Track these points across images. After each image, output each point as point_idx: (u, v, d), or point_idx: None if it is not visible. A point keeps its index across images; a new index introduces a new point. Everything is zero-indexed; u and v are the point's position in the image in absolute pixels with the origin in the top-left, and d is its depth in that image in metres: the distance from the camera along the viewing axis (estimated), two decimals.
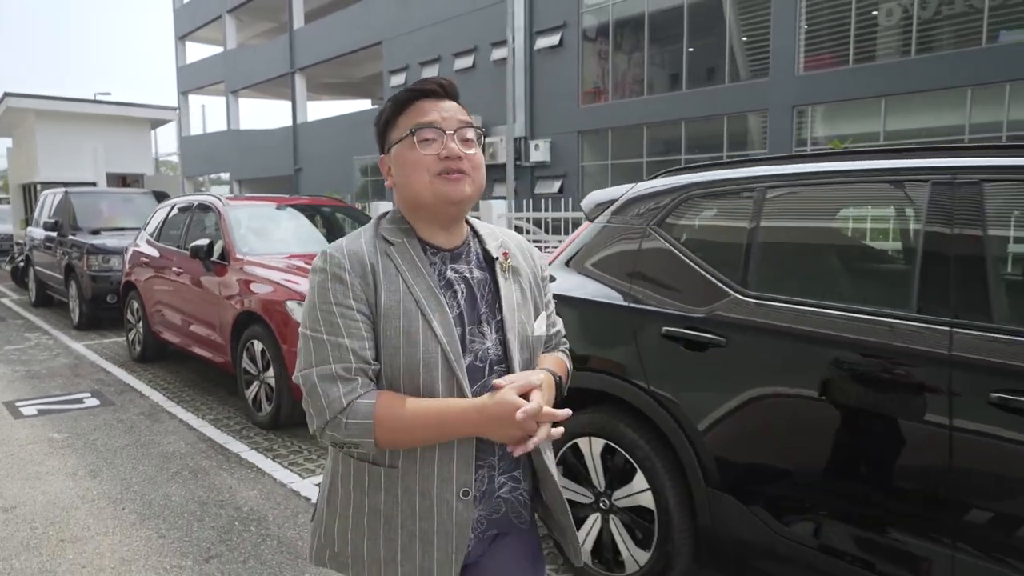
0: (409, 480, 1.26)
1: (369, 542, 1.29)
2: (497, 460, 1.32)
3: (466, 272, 1.33)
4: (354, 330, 1.22)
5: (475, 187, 1.30)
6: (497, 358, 1.32)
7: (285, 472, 3.98)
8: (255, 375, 4.85)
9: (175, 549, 3.06)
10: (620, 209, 2.83)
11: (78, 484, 3.77)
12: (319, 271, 1.26)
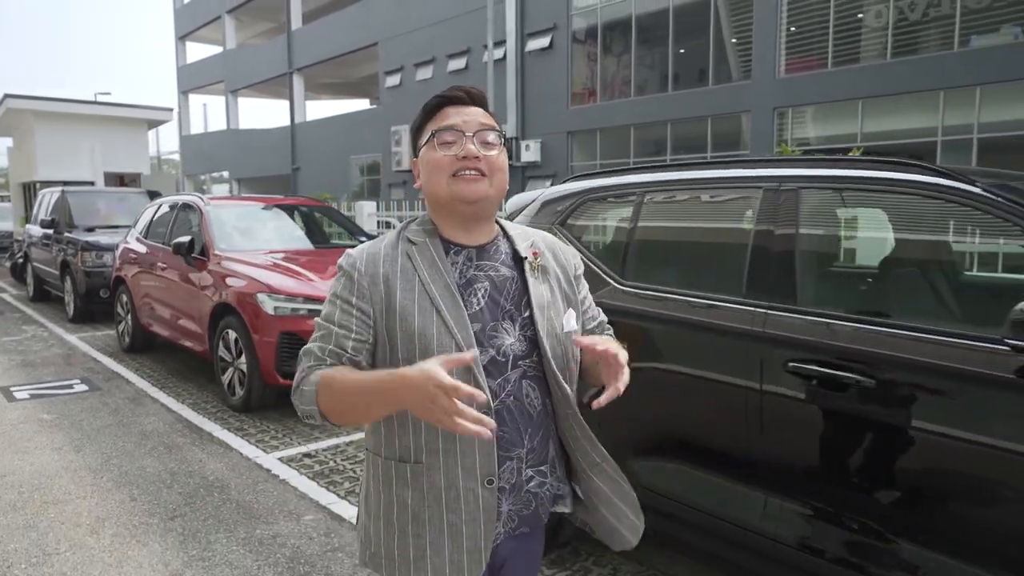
0: (434, 474, 1.30)
1: (399, 541, 1.33)
2: (525, 452, 1.35)
3: (491, 270, 1.37)
4: (344, 322, 1.30)
5: (494, 188, 1.34)
6: (521, 353, 1.35)
7: (252, 448, 4.38)
8: (230, 362, 5.25)
9: (144, 510, 3.46)
10: (534, 211, 3.23)
11: (63, 457, 4.18)
12: (339, 267, 1.37)
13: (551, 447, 1.40)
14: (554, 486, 1.41)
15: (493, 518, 1.30)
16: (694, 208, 2.75)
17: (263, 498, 3.62)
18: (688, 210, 2.78)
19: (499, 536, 1.34)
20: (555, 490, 1.41)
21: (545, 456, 1.38)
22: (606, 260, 2.80)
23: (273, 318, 4.85)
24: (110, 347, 7.47)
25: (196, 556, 3.00)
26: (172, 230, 6.66)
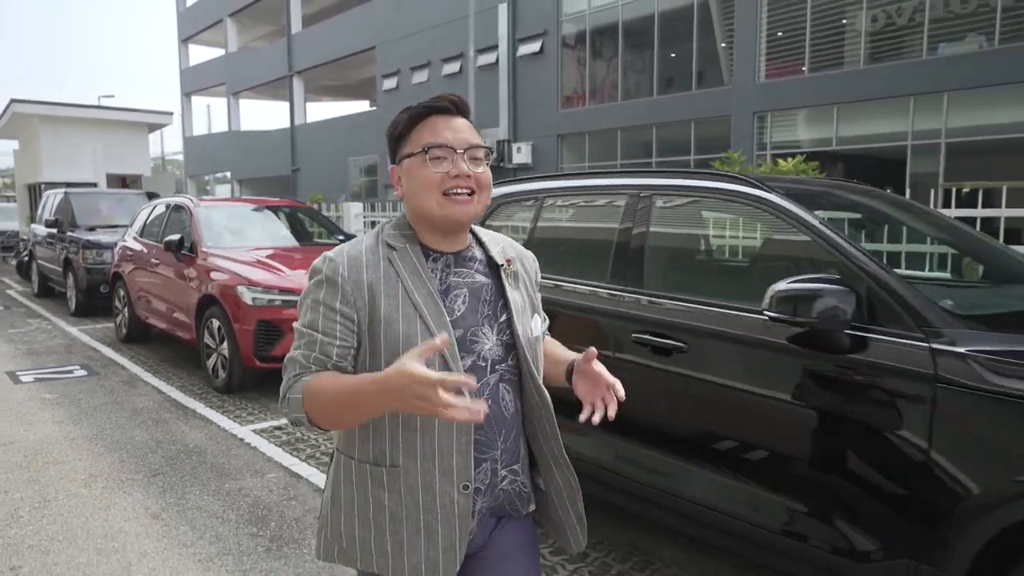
0: (411, 477, 1.32)
1: (376, 536, 1.36)
2: (499, 454, 1.39)
3: (468, 277, 1.40)
4: (328, 329, 1.31)
5: (481, 205, 1.39)
6: (498, 357, 1.39)
7: (229, 422, 4.94)
8: (213, 348, 5.82)
9: (131, 469, 4.02)
10: None
11: (62, 429, 4.75)
12: (317, 272, 1.35)
13: (521, 446, 1.44)
14: (524, 483, 1.46)
15: (468, 520, 1.35)
16: (579, 210, 3.31)
17: (234, 460, 4.18)
18: (575, 212, 3.33)
19: (472, 532, 1.38)
20: (525, 489, 1.46)
21: (517, 456, 1.43)
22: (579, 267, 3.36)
23: (251, 308, 5.42)
24: (108, 338, 8.04)
25: (172, 503, 3.56)
26: (165, 229, 7.22)
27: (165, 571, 2.89)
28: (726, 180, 2.70)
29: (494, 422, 1.37)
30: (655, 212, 2.83)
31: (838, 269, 2.24)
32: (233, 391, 5.67)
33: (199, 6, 39.03)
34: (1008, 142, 13.87)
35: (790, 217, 2.42)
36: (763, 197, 2.51)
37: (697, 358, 2.49)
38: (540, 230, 3.29)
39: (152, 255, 7.16)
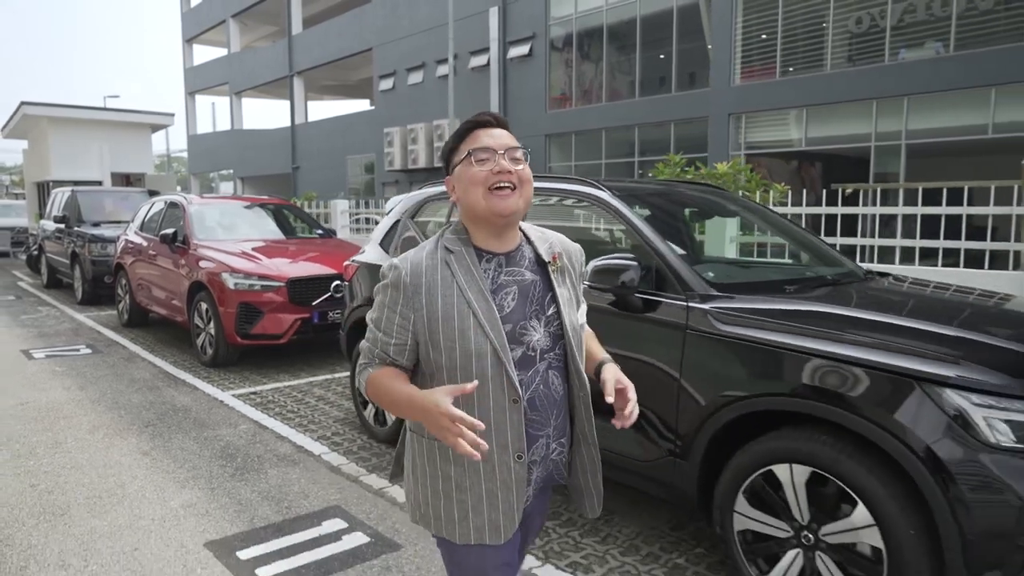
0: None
1: (445, 504, 1.56)
2: (552, 431, 1.59)
3: (518, 275, 1.56)
4: (388, 328, 1.54)
5: (523, 200, 1.54)
6: (547, 347, 1.55)
7: (213, 388, 5.76)
8: (202, 328, 6.63)
9: (127, 422, 4.84)
10: (403, 208, 4.59)
11: (70, 393, 5.57)
12: (384, 277, 1.56)
13: (567, 424, 1.64)
14: (565, 454, 1.66)
15: (524, 485, 1.54)
16: None
17: (213, 416, 5.00)
18: None
19: (529, 498, 1.60)
20: (566, 458, 1.67)
21: (564, 431, 1.63)
22: None
23: (234, 292, 6.23)
24: (112, 323, 8.87)
25: (159, 445, 4.38)
26: (162, 224, 8.03)
27: (150, 487, 3.70)
28: (575, 183, 3.50)
29: (547, 403, 1.57)
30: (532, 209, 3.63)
31: (640, 251, 3.03)
32: (219, 365, 6.48)
33: (202, 7, 39.86)
34: (963, 144, 14.60)
35: (613, 211, 3.22)
36: (598, 196, 3.31)
37: None
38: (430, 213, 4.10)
39: (151, 248, 7.98)
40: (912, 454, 2.14)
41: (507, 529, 1.54)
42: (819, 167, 19.25)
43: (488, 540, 1.54)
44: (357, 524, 3.29)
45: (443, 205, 4.30)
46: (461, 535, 1.54)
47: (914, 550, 2.16)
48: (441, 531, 1.57)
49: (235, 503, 3.53)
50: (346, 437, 4.57)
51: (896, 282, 3.44)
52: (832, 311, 2.71)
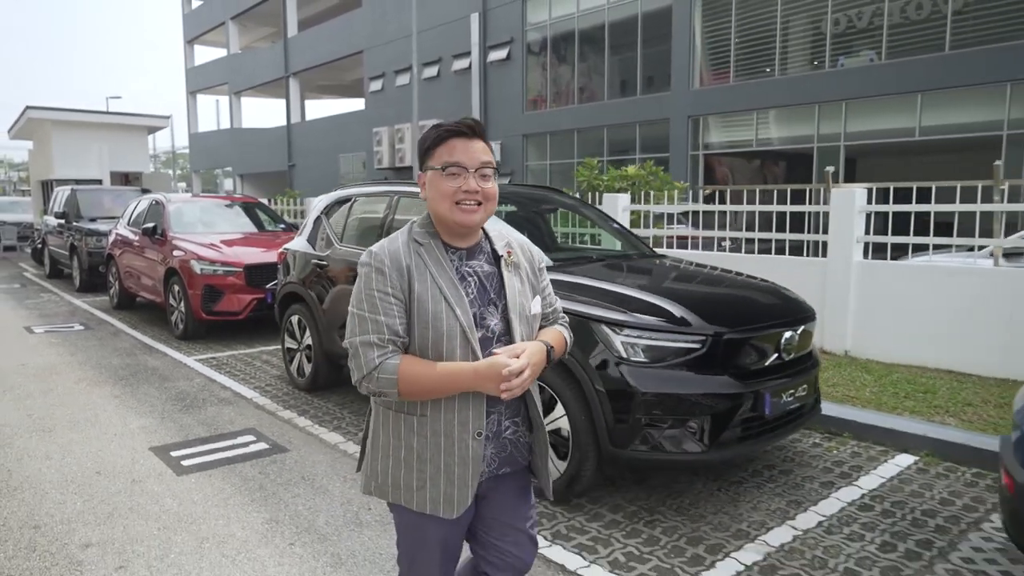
0: (435, 425, 1.65)
1: (405, 473, 1.69)
2: (504, 408, 1.73)
3: (477, 267, 1.73)
4: (387, 310, 1.62)
5: (486, 213, 1.70)
6: (501, 331, 1.71)
7: (180, 355, 6.98)
8: (175, 307, 7.86)
9: (105, 376, 6.07)
10: (320, 207, 5.80)
11: (62, 358, 6.80)
12: (365, 265, 1.66)
13: (521, 405, 1.78)
14: (524, 434, 1.79)
15: (479, 462, 1.67)
16: (367, 206, 5.31)
17: (175, 374, 6.23)
18: (365, 208, 5.33)
19: (484, 475, 1.72)
20: (525, 438, 1.80)
21: (517, 411, 1.77)
22: (338, 233, 5.38)
23: (199, 276, 7.44)
24: (104, 306, 10.12)
25: (128, 391, 5.60)
26: (146, 219, 9.26)
27: (116, 417, 4.92)
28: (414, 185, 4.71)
29: None
30: (400, 206, 4.84)
31: None
32: (188, 338, 7.71)
33: (203, 9, 41.11)
34: (894, 145, 15.72)
35: None
36: None
37: None
38: (350, 219, 5.31)
39: (136, 240, 9.20)
40: (581, 368, 3.34)
41: (460, 504, 1.68)
42: (783, 166, 20.37)
43: (442, 512, 1.67)
44: (263, 438, 4.51)
45: (343, 205, 5.51)
46: (418, 503, 1.68)
47: (585, 432, 3.36)
48: (399, 499, 1.71)
49: (177, 426, 4.75)
50: (275, 387, 5.79)
51: (662, 262, 4.63)
52: (581, 281, 3.90)
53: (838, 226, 6.07)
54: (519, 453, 1.79)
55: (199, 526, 3.27)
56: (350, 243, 5.20)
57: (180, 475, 3.89)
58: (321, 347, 5.37)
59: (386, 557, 3.00)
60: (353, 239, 5.23)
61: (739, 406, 3.29)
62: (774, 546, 3.10)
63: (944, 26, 14.36)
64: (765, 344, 3.50)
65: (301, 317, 5.59)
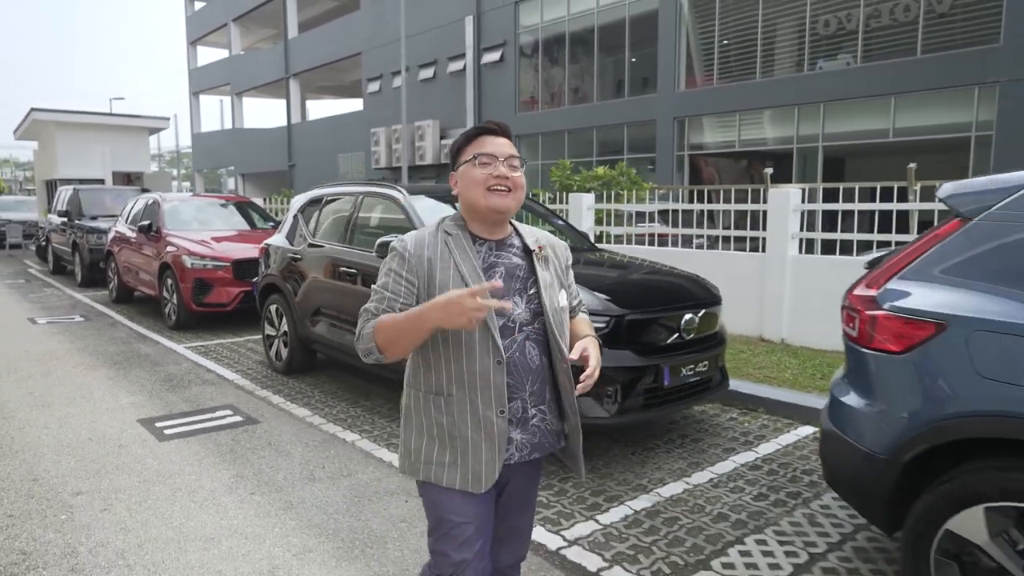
0: (463, 404, 1.77)
1: (439, 449, 1.80)
2: (528, 395, 1.81)
3: (506, 259, 1.83)
4: (395, 290, 1.76)
5: (515, 201, 1.79)
6: (526, 321, 1.81)
7: (171, 343, 7.52)
8: (168, 299, 8.41)
9: (101, 361, 6.60)
10: (295, 205, 6.33)
11: (62, 345, 7.34)
12: (393, 249, 1.81)
13: (547, 392, 1.85)
14: (552, 422, 1.87)
15: (504, 439, 1.77)
16: (336, 205, 5.83)
17: (165, 359, 6.76)
18: (334, 206, 5.85)
19: (512, 456, 1.81)
20: (554, 426, 1.88)
21: (543, 398, 1.84)
22: (311, 229, 5.91)
23: (190, 270, 7.98)
24: (103, 300, 10.67)
25: (121, 373, 6.13)
26: (143, 217, 9.80)
27: (108, 395, 5.46)
28: (381, 186, 5.24)
29: (522, 369, 1.79)
30: (363, 205, 5.37)
31: None
32: (180, 328, 8.25)
33: (206, 10, 41.69)
34: (869, 146, 16.18)
35: (399, 204, 4.94)
36: (391, 195, 5.04)
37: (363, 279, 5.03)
38: (323, 217, 5.84)
39: (134, 237, 9.75)
40: None
41: (488, 479, 1.77)
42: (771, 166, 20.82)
43: (471, 487, 1.77)
44: (239, 412, 5.04)
45: (317, 205, 6.04)
46: (448, 479, 1.78)
47: None
48: (430, 476, 1.81)
49: (163, 402, 5.29)
50: (256, 370, 6.32)
51: (596, 255, 5.14)
52: None
53: (775, 223, 6.57)
54: (547, 440, 1.87)
55: (174, 480, 3.81)
56: (321, 239, 5.74)
57: (162, 441, 4.43)
58: (296, 333, 5.90)
59: (330, 504, 3.52)
60: (323, 235, 5.76)
61: (640, 378, 3.80)
62: (664, 496, 3.62)
63: (916, 31, 14.82)
64: (666, 325, 4.02)
65: (279, 306, 6.13)
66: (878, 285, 2.55)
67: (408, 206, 4.90)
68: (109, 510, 3.43)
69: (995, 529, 2.16)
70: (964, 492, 2.21)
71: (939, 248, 2.43)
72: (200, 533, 3.20)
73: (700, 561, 2.98)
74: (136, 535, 3.17)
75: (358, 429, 4.70)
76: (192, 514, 3.39)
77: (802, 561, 2.98)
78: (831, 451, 2.68)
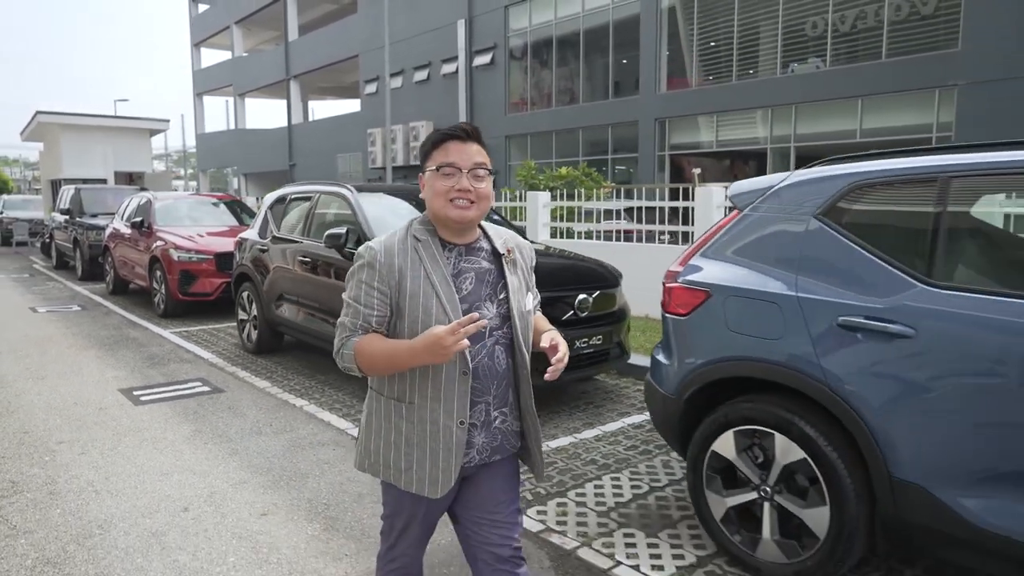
0: (423, 412, 1.78)
1: (395, 455, 1.83)
2: (492, 398, 1.83)
3: (476, 264, 1.83)
4: (368, 302, 1.76)
5: (478, 211, 1.79)
6: (496, 325, 1.82)
7: (158, 328, 8.24)
8: (158, 289, 9.13)
9: (93, 344, 7.33)
10: (267, 202, 7.03)
11: (58, 330, 8.07)
12: (361, 258, 1.80)
13: (510, 395, 1.89)
14: (513, 423, 1.91)
15: (462, 448, 1.80)
16: (298, 202, 6.51)
17: (151, 342, 7.48)
18: (297, 203, 6.54)
19: (472, 460, 1.85)
20: (515, 427, 1.92)
21: (506, 400, 1.88)
22: (275, 226, 6.61)
23: (176, 262, 8.70)
24: (100, 292, 11.42)
25: (109, 353, 6.85)
26: (136, 214, 10.53)
27: (95, 370, 6.17)
28: (333, 185, 5.93)
29: (489, 374, 1.82)
30: (320, 202, 6.07)
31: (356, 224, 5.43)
32: (168, 316, 8.98)
33: (209, 13, 42.51)
34: (837, 147, 16.77)
35: (348, 201, 5.63)
36: (341, 192, 5.73)
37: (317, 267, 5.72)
38: (287, 211, 6.54)
39: (129, 233, 10.48)
40: None
41: (443, 485, 1.80)
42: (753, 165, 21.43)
43: (427, 492, 1.80)
44: (208, 384, 5.75)
45: (293, 203, 6.74)
46: (405, 482, 1.82)
47: None
48: (389, 477, 1.86)
49: (143, 376, 6.00)
50: (230, 352, 7.03)
51: None
52: None
53: (700, 219, 7.24)
54: (508, 441, 1.91)
55: (143, 433, 4.51)
56: (284, 232, 6.44)
57: (137, 405, 5.14)
58: (263, 317, 6.61)
59: (269, 451, 4.21)
60: (285, 229, 6.47)
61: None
62: (552, 447, 4.30)
63: (881, 35, 15.42)
64: (564, 303, 4.69)
65: (249, 293, 6.84)
66: (683, 263, 3.22)
67: (355, 202, 5.59)
68: (85, 454, 4.14)
69: (740, 447, 2.84)
70: (723, 420, 2.88)
71: (723, 233, 3.10)
72: (157, 470, 3.90)
73: (559, 492, 3.66)
74: (105, 471, 3.88)
75: (308, 397, 5.40)
76: (152, 457, 4.10)
77: (643, 491, 3.66)
78: (649, 398, 3.35)
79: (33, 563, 2.93)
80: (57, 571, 2.87)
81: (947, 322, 2.28)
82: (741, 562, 2.84)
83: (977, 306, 2.24)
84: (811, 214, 2.73)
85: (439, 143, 1.79)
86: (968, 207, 2.66)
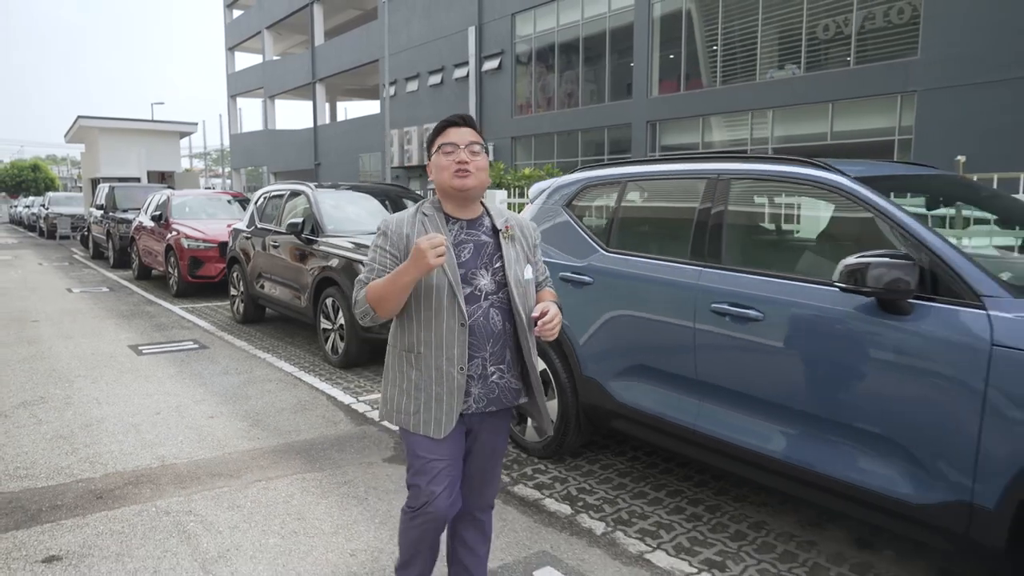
0: (428, 360, 2.09)
1: (406, 400, 2.14)
2: (488, 355, 2.12)
3: (475, 237, 2.15)
4: (381, 261, 2.12)
5: (478, 180, 2.10)
6: (491, 291, 2.12)
7: (170, 305, 9.77)
8: (172, 273, 10.69)
9: (113, 315, 8.86)
10: (254, 199, 8.48)
11: (88, 305, 9.64)
12: (379, 228, 2.16)
13: (508, 354, 2.16)
14: (511, 381, 2.18)
15: (462, 392, 2.09)
16: (276, 198, 7.92)
17: (161, 314, 8.99)
18: (274, 199, 7.95)
19: (470, 407, 2.13)
20: (513, 384, 2.19)
21: (503, 358, 2.15)
22: (258, 217, 8.05)
23: (187, 250, 10.23)
24: (128, 277, 13.06)
25: (124, 322, 8.37)
26: (157, 210, 12.12)
27: (110, 333, 7.67)
28: (297, 184, 7.34)
29: (484, 332, 2.11)
30: (289, 197, 7.48)
31: (312, 215, 6.83)
32: (180, 295, 10.53)
33: (243, 18, 44.60)
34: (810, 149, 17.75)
35: (307, 197, 7.05)
36: (302, 190, 7.14)
37: (284, 250, 7.16)
38: (268, 205, 7.98)
39: (150, 226, 12.07)
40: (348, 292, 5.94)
41: (446, 426, 2.10)
42: None
43: (432, 432, 2.11)
44: (197, 343, 7.21)
45: (267, 198, 8.17)
46: (414, 425, 2.13)
47: (350, 326, 5.96)
48: (402, 422, 2.15)
49: (149, 337, 7.50)
50: (223, 322, 8.50)
51: None
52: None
53: None
54: (505, 396, 2.18)
55: (139, 372, 5.98)
56: (263, 223, 7.87)
57: (139, 356, 6.62)
58: (248, 292, 8.06)
59: (228, 384, 5.63)
60: (264, 220, 7.89)
61: None
62: None
63: (850, 44, 16.39)
64: None
65: (238, 273, 8.30)
66: None
67: (312, 198, 7.00)
68: (96, 383, 5.61)
69: None
70: None
71: None
72: (144, 393, 5.35)
73: None
74: (106, 392, 5.34)
75: (273, 352, 6.83)
76: (142, 386, 5.55)
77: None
78: None
79: (52, 437, 4.38)
80: (66, 443, 4.30)
81: (610, 275, 3.58)
82: (517, 443, 4.15)
83: (627, 264, 3.53)
84: (561, 205, 4.03)
85: (441, 130, 2.16)
86: (635, 201, 3.91)
